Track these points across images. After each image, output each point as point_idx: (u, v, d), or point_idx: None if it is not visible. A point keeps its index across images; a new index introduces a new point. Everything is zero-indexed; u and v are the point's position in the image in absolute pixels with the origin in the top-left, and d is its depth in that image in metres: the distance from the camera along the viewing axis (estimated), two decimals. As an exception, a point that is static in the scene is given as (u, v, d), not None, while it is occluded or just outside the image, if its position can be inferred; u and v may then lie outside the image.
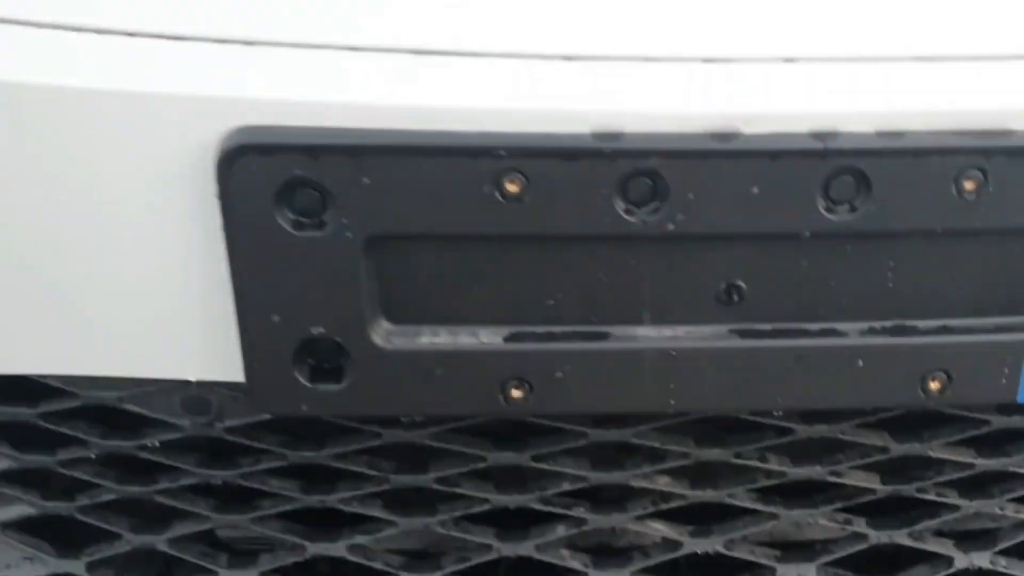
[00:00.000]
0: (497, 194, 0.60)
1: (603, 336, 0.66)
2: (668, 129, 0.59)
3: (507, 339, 0.66)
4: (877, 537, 0.80)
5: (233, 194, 0.59)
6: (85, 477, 0.76)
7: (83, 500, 0.76)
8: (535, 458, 0.74)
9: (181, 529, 0.77)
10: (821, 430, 0.74)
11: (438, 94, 0.59)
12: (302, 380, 0.65)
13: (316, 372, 0.65)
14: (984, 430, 0.76)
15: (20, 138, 0.60)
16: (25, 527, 0.79)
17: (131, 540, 0.77)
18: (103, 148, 0.60)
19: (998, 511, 0.81)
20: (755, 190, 0.61)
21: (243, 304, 0.63)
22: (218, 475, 0.74)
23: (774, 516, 0.79)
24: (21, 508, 0.77)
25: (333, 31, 0.59)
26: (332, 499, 0.75)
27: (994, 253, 0.65)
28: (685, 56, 0.60)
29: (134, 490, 0.76)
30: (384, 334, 0.64)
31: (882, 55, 0.61)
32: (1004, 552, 0.81)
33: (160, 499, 0.76)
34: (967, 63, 0.62)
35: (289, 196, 0.60)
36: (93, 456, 0.75)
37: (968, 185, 0.61)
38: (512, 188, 0.60)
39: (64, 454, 0.75)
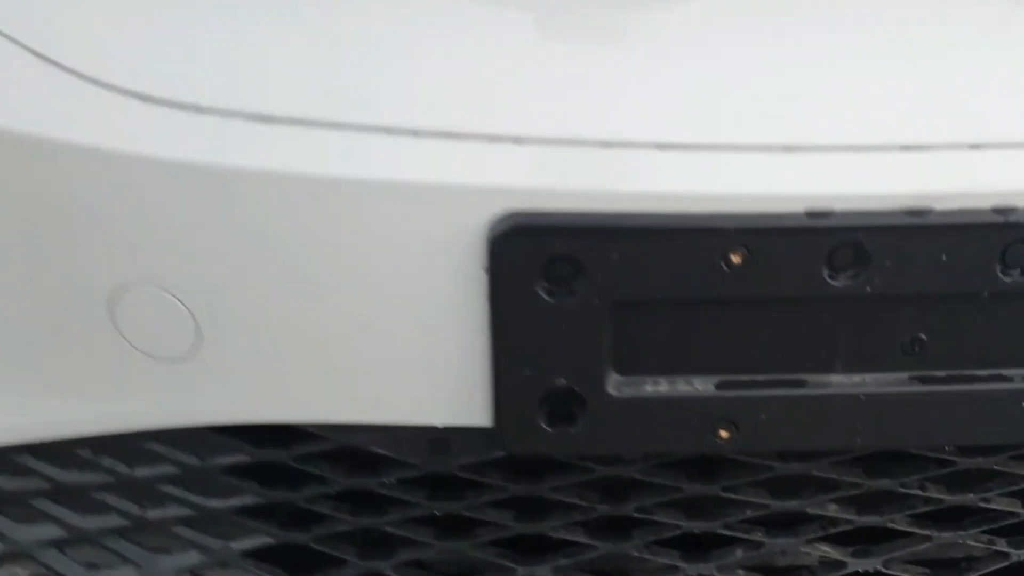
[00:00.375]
0: (723, 265, 0.70)
1: (801, 383, 0.76)
2: (871, 207, 0.70)
3: (718, 387, 0.75)
4: (1018, 556, 0.90)
5: (501, 268, 0.69)
6: (323, 510, 0.86)
7: (319, 531, 0.86)
8: (725, 488, 0.84)
9: (405, 555, 0.87)
10: (979, 462, 0.84)
11: (676, 182, 0.69)
12: (543, 425, 0.75)
13: (553, 417, 0.75)
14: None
15: (311, 214, 0.70)
16: (258, 554, 0.89)
17: (359, 566, 0.87)
18: (387, 225, 0.70)
19: None
20: (943, 257, 0.71)
21: (500, 359, 0.73)
22: (446, 507, 0.84)
23: (928, 538, 0.88)
24: (261, 538, 0.87)
25: (588, 129, 0.69)
26: (544, 527, 0.85)
27: None
28: (885, 145, 0.70)
29: (367, 521, 0.86)
30: (615, 384, 0.74)
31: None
32: None
33: (388, 528, 0.86)
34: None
35: (547, 269, 0.70)
36: (333, 491, 0.85)
37: None
38: (736, 259, 0.70)
39: (308, 491, 0.85)
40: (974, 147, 0.71)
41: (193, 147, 0.69)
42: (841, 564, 0.89)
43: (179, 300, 0.73)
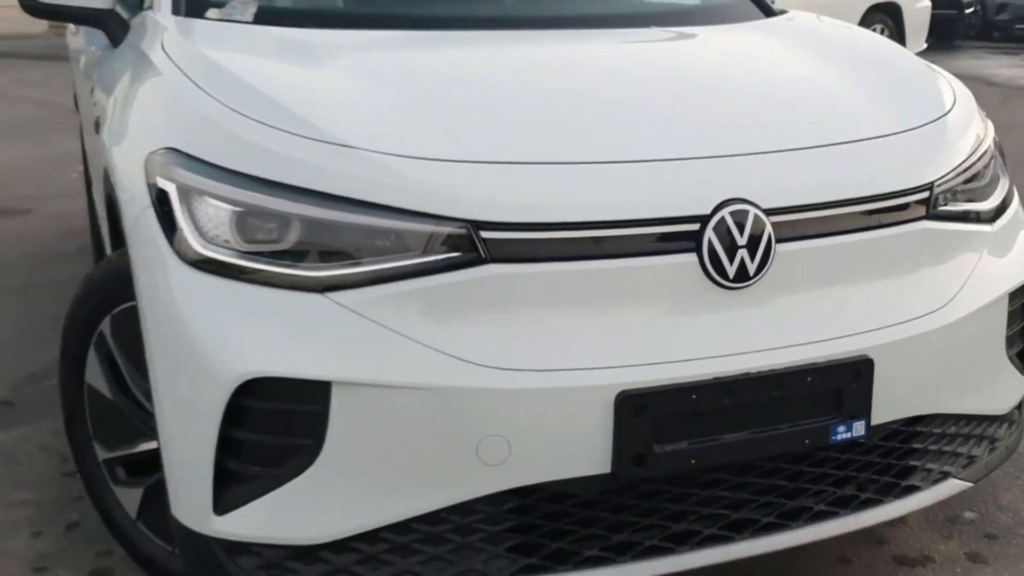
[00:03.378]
0: (689, 397, 2.07)
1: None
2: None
3: (689, 444, 2.12)
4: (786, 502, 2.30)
5: (619, 410, 2.02)
6: (543, 522, 2.11)
7: (542, 532, 2.12)
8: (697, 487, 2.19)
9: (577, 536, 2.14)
10: (777, 464, 2.24)
11: (678, 373, 2.06)
12: (635, 467, 2.07)
13: (636, 463, 2.08)
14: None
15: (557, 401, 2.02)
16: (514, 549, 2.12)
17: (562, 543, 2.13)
18: (589, 399, 2.02)
19: None
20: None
21: (618, 444, 2.04)
22: (590, 513, 2.13)
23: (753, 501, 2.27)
24: (521, 537, 2.11)
25: (648, 360, 2.06)
26: (622, 519, 2.16)
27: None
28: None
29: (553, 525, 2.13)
30: (657, 447, 2.08)
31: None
32: None
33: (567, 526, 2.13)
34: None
35: (636, 408, 2.03)
36: (546, 512, 2.11)
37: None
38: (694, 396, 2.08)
39: (537, 514, 2.11)
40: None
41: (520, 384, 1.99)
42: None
43: (507, 440, 2.00)
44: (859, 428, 2.24)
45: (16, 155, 8.30)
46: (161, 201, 2.11)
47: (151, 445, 2.54)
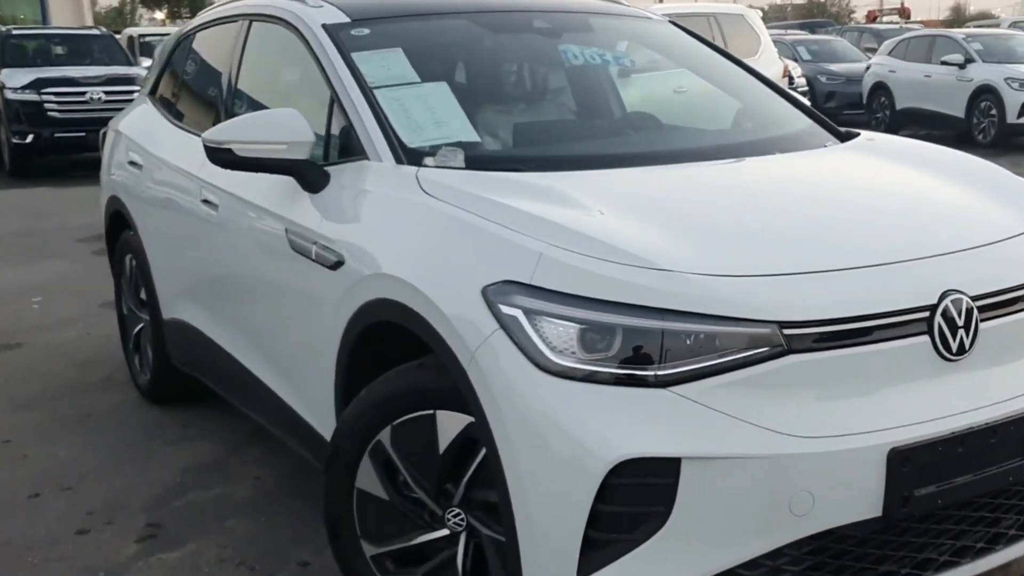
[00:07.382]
0: (939, 448, 2.63)
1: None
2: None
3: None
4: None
5: (892, 460, 2.56)
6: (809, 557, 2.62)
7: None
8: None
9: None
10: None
11: (925, 430, 2.62)
12: (901, 510, 2.61)
13: (903, 506, 2.61)
14: None
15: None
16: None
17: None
18: (852, 466, 2.55)
19: None
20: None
21: (890, 494, 2.57)
22: (857, 550, 2.65)
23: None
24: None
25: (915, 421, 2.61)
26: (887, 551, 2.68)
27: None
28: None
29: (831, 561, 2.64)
30: (917, 493, 2.62)
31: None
32: None
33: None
34: None
35: (902, 460, 2.57)
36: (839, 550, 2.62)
37: None
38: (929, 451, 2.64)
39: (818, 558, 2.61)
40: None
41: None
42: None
43: (811, 494, 2.51)
44: (1046, 467, 2.83)
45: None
46: (510, 324, 2.57)
47: (427, 537, 2.95)
